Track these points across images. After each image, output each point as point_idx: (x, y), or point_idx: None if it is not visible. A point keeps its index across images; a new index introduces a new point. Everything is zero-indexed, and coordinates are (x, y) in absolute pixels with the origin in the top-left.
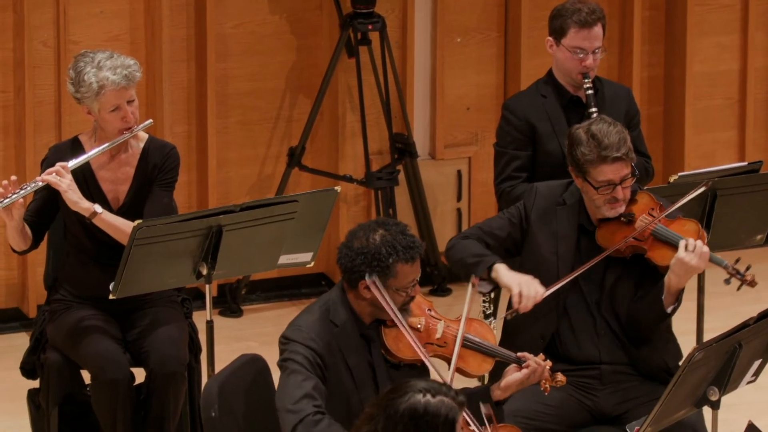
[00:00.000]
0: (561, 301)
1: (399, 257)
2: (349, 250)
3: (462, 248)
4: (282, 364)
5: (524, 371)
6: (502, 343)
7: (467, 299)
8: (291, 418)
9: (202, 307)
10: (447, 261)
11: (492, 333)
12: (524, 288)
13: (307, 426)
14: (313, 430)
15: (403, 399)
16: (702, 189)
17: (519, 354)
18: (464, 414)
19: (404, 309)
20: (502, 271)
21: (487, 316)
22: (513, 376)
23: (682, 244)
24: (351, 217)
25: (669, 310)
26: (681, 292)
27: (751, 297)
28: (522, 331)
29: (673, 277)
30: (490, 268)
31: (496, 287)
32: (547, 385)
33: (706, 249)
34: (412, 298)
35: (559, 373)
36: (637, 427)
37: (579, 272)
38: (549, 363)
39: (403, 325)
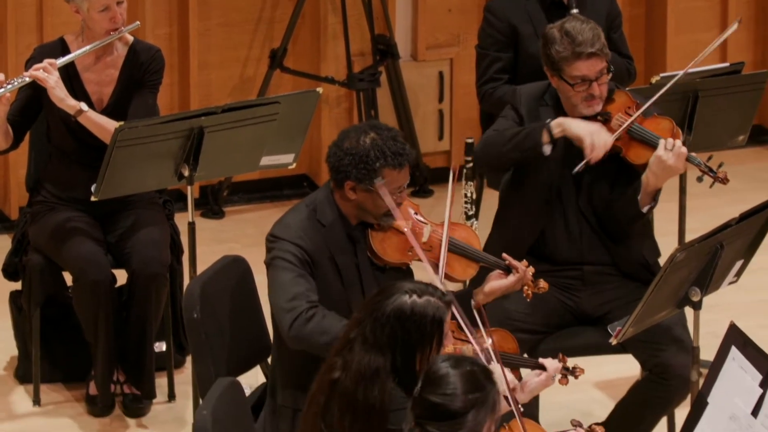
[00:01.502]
0: (549, 199)
1: (387, 162)
2: (339, 150)
3: (496, 140)
4: (271, 262)
5: (512, 277)
6: (490, 240)
7: (448, 203)
8: (287, 317)
9: (184, 208)
10: (489, 161)
11: (476, 237)
12: (596, 137)
13: (303, 322)
14: (309, 324)
15: (389, 301)
16: (679, 74)
17: (504, 256)
18: (454, 311)
19: (389, 214)
20: (567, 122)
21: (468, 218)
22: (499, 281)
23: (661, 143)
24: (333, 118)
25: (645, 209)
26: (658, 192)
27: (732, 198)
28: (511, 229)
29: (650, 176)
30: (548, 128)
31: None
32: (530, 291)
33: (684, 149)
34: (399, 204)
35: (541, 279)
36: (618, 328)
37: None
38: (532, 269)
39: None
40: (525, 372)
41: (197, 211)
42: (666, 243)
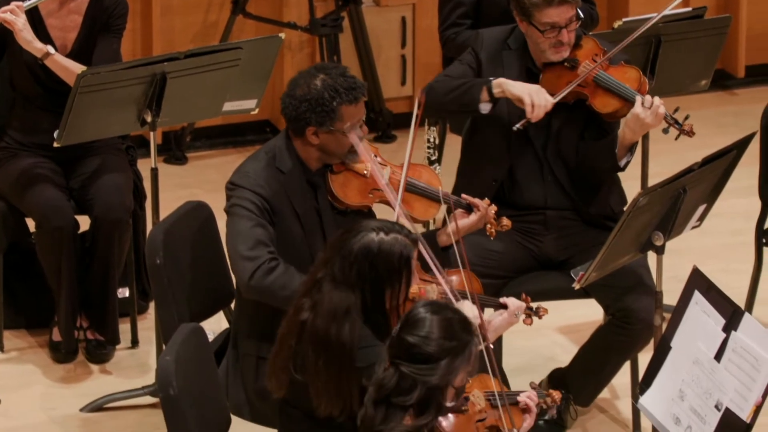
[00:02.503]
0: (512, 144)
1: (342, 99)
2: (293, 99)
3: (444, 83)
4: (230, 209)
5: (474, 216)
6: (456, 187)
7: (409, 143)
8: (248, 266)
9: (147, 154)
10: (431, 107)
11: (437, 178)
12: (535, 97)
13: (264, 272)
14: (270, 276)
15: (356, 239)
16: (655, 18)
17: (464, 196)
18: (421, 249)
19: (354, 151)
20: (506, 83)
21: (431, 163)
22: (461, 220)
23: (638, 99)
24: (295, 64)
25: (622, 163)
26: (634, 145)
27: (695, 143)
28: (475, 174)
29: (627, 131)
30: (489, 86)
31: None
32: (493, 230)
33: (662, 109)
34: (361, 138)
35: (504, 217)
36: (581, 272)
37: (566, 91)
38: (494, 207)
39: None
40: (488, 312)
41: (160, 157)
42: (629, 188)
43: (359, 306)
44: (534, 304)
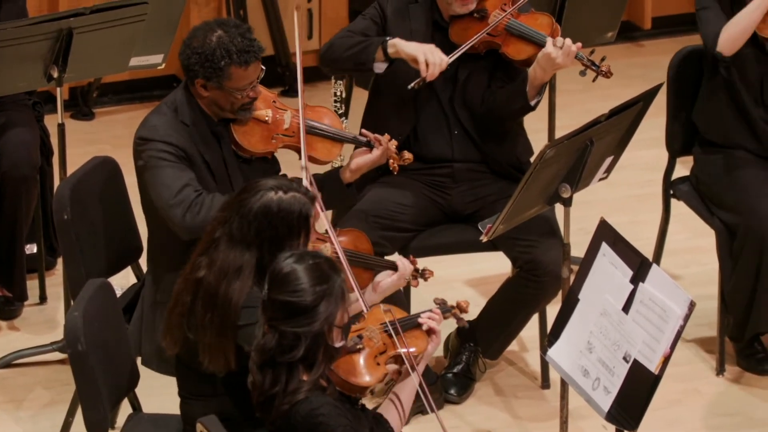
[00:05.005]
0: (418, 98)
1: (233, 60)
2: (188, 48)
3: (342, 41)
4: (147, 163)
5: (376, 151)
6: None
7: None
8: (177, 212)
9: (54, 110)
10: (328, 64)
11: (338, 119)
12: (429, 56)
13: (193, 211)
14: (201, 212)
15: (255, 198)
16: None
17: (364, 132)
18: (318, 209)
19: (246, 109)
20: (401, 43)
21: (338, 117)
22: (364, 157)
23: (549, 40)
24: (202, 18)
25: (533, 103)
26: (543, 86)
27: (601, 94)
28: (381, 128)
29: (538, 70)
30: (384, 46)
31: (391, 64)
32: (396, 164)
33: (574, 48)
34: (254, 99)
35: (405, 151)
36: (489, 225)
37: (463, 49)
38: (395, 142)
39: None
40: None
41: (67, 113)
42: (536, 140)
43: (253, 264)
44: (420, 266)
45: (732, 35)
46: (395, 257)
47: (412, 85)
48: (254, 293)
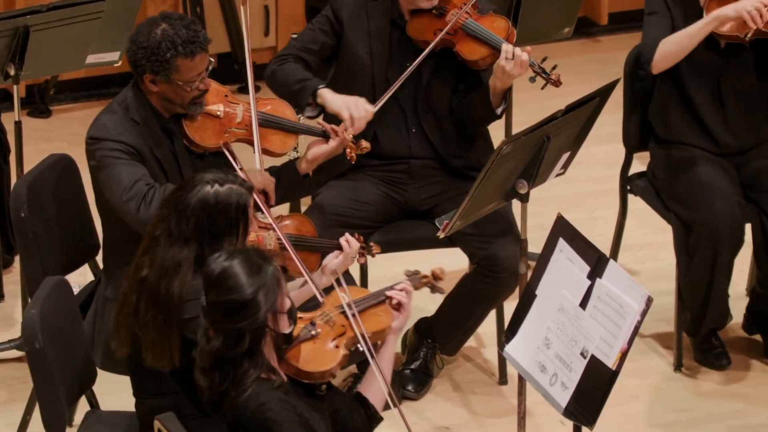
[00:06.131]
0: (377, 95)
1: (178, 52)
2: (133, 44)
3: (283, 75)
4: (100, 162)
5: (332, 142)
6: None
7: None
8: (131, 206)
9: (10, 108)
10: (271, 89)
11: (292, 111)
12: (353, 110)
13: (146, 203)
14: (153, 204)
15: (192, 193)
16: None
17: (320, 122)
18: (255, 198)
19: (197, 103)
20: (327, 96)
21: (296, 113)
22: (320, 147)
23: (503, 51)
24: None
25: (499, 111)
26: (507, 91)
27: (558, 90)
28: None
29: (496, 81)
30: (314, 95)
31: (322, 111)
32: (353, 154)
33: (525, 57)
34: (204, 92)
35: (362, 140)
36: (446, 221)
37: (402, 79)
38: (351, 131)
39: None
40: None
41: (23, 110)
42: (494, 136)
43: (192, 260)
44: (373, 246)
45: (669, 52)
46: (341, 238)
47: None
48: (197, 285)
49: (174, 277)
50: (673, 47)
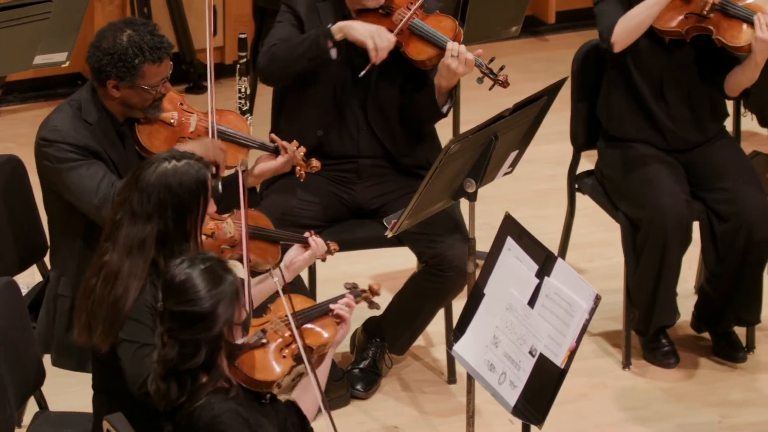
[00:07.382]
0: (335, 98)
1: (146, 58)
2: (97, 50)
3: (281, 49)
4: (57, 166)
5: (281, 158)
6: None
7: (210, 89)
8: (105, 211)
9: None
10: (275, 74)
11: (246, 124)
12: (377, 39)
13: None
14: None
15: (150, 170)
16: None
17: (272, 137)
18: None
19: (156, 106)
20: (347, 27)
21: (243, 113)
22: (268, 163)
23: (448, 49)
24: (105, 16)
25: (444, 109)
26: (453, 90)
27: (507, 89)
28: (297, 125)
29: (441, 80)
30: (329, 33)
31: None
32: (303, 172)
33: (470, 56)
34: (163, 95)
35: (313, 159)
36: (394, 220)
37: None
38: (303, 149)
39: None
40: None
41: None
42: (441, 135)
43: (154, 235)
44: (331, 244)
45: (627, 28)
46: (307, 234)
47: (364, 71)
48: (144, 301)
49: (139, 256)
50: (633, 21)
